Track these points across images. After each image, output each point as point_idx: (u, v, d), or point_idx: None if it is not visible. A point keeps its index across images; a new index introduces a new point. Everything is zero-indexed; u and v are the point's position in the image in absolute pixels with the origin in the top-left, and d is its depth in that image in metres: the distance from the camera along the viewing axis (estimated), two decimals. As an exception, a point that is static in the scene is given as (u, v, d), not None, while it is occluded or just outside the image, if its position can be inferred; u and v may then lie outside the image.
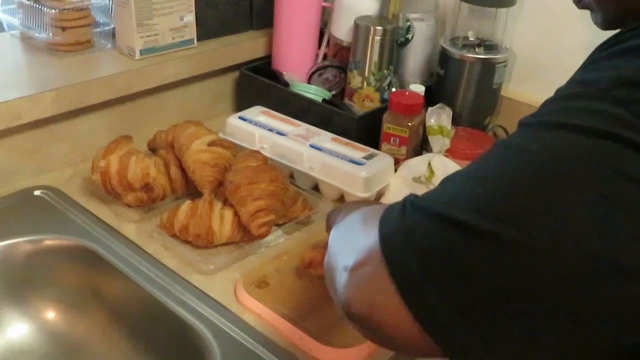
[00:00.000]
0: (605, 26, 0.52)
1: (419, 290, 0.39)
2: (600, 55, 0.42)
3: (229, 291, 0.77)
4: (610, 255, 0.36)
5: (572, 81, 0.42)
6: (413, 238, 0.40)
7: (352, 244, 0.45)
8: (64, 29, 1.02)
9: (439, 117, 1.03)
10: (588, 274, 0.36)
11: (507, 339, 0.38)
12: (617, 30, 0.43)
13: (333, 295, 0.47)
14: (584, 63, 0.43)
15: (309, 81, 1.17)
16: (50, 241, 0.84)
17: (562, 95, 0.41)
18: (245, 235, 0.84)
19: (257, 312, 0.74)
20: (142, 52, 1.04)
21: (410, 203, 0.42)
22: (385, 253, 0.41)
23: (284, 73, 1.17)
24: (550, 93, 0.43)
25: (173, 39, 1.07)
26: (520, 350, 0.38)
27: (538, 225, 0.37)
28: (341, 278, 0.44)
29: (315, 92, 1.12)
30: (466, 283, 0.38)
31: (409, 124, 1.01)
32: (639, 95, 0.37)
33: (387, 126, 1.01)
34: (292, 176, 0.99)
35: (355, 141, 1.00)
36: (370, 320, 0.42)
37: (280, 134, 1.01)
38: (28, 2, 1.02)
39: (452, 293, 0.38)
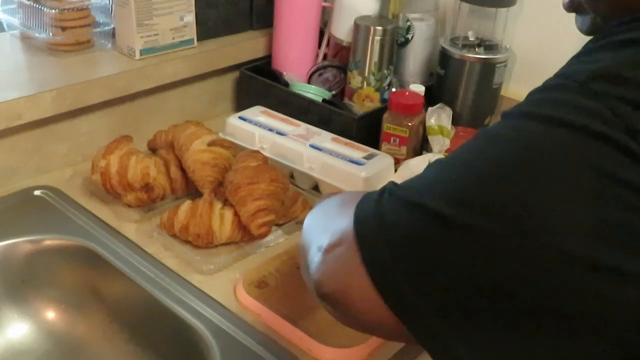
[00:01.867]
0: (592, 30, 0.51)
1: (388, 274, 0.40)
2: (585, 49, 0.42)
3: (229, 291, 0.77)
4: (578, 251, 0.35)
5: (556, 74, 0.42)
6: (385, 223, 0.41)
7: (327, 225, 0.46)
8: (64, 29, 1.02)
9: (439, 117, 1.03)
10: (554, 268, 0.36)
11: (474, 325, 0.38)
12: None
13: (305, 276, 0.48)
14: (571, 57, 0.43)
15: (309, 81, 1.17)
16: (50, 241, 0.84)
17: (544, 86, 0.41)
18: (245, 235, 0.84)
19: (257, 312, 0.74)
20: (142, 52, 1.04)
21: (388, 190, 0.43)
22: (358, 236, 0.42)
23: (284, 73, 1.17)
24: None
25: (173, 39, 1.07)
26: (487, 337, 0.38)
27: (506, 216, 0.37)
28: (314, 258, 0.45)
29: (315, 92, 1.12)
30: (434, 269, 0.39)
31: (409, 124, 1.01)
32: (614, 88, 0.37)
33: (387, 126, 1.02)
34: (292, 176, 0.99)
35: (355, 141, 1.00)
36: (340, 301, 0.43)
37: (280, 134, 1.01)
38: (28, 2, 1.02)
39: (420, 278, 0.39)
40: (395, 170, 0.98)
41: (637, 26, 0.40)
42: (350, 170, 0.93)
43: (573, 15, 0.56)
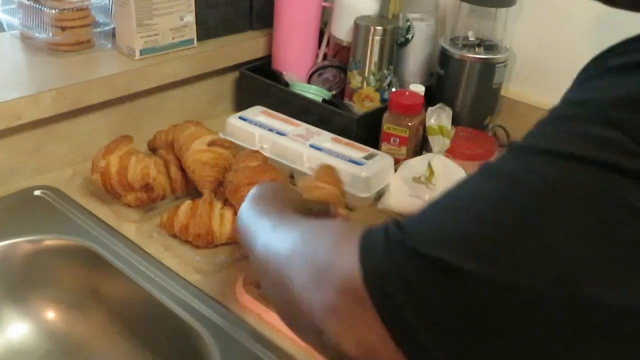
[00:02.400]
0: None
1: (415, 338, 0.36)
2: (594, 72, 0.39)
3: (229, 291, 0.77)
4: (606, 297, 0.33)
5: (565, 100, 0.38)
6: (403, 282, 0.37)
7: (322, 265, 0.42)
8: (64, 29, 1.02)
9: (439, 117, 1.03)
10: (583, 317, 0.34)
11: None
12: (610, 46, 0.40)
13: (289, 315, 0.46)
14: (577, 79, 0.40)
15: (309, 81, 1.17)
16: (50, 241, 0.84)
17: (555, 116, 0.38)
18: (245, 235, 0.84)
19: (257, 312, 0.74)
20: (142, 52, 1.04)
21: (396, 240, 0.38)
22: (372, 293, 0.38)
23: (284, 73, 1.17)
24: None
25: (173, 39, 1.07)
26: None
27: (530, 268, 0.34)
28: (316, 295, 0.41)
29: (315, 92, 1.12)
30: (464, 329, 0.36)
31: (409, 124, 1.01)
32: (637, 117, 0.34)
33: (387, 126, 1.02)
34: (292, 176, 0.99)
35: (355, 141, 1.00)
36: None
37: (280, 134, 1.01)
38: (28, 2, 1.02)
39: (448, 339, 0.36)
40: (395, 170, 0.98)
41: None
42: (350, 170, 0.93)
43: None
